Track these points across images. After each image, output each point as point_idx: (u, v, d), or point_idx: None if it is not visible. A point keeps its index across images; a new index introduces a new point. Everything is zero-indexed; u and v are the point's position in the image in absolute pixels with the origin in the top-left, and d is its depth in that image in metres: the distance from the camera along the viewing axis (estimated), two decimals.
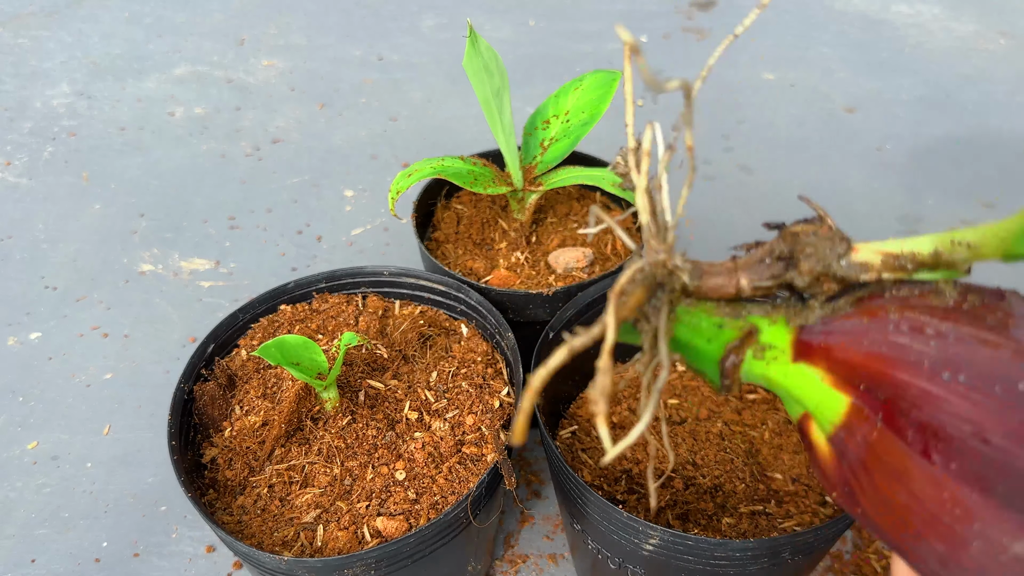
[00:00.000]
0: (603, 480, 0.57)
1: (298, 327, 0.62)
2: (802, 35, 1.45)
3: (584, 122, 0.68)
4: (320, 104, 1.26)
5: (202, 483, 0.54)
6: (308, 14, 1.53)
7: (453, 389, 0.57)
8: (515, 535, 0.68)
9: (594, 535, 0.52)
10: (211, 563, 0.66)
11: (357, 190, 1.08)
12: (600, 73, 0.70)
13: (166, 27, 1.48)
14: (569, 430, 0.61)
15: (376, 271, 0.66)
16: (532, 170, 0.69)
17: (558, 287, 0.62)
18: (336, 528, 0.50)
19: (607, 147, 1.15)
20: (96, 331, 0.87)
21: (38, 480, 0.72)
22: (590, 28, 1.47)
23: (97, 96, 1.28)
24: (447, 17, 1.51)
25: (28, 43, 1.42)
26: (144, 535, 0.68)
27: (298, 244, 0.99)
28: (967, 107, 1.24)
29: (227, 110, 1.25)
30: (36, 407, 0.79)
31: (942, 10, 1.52)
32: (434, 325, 0.64)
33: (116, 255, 0.97)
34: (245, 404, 0.56)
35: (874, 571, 0.64)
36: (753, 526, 0.54)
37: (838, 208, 1.04)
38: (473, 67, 0.63)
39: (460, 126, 1.21)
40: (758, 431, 0.61)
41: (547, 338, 0.59)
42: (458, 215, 0.73)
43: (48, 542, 0.67)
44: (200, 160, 1.14)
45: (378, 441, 0.54)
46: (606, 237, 0.70)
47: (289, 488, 0.52)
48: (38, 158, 1.14)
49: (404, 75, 1.34)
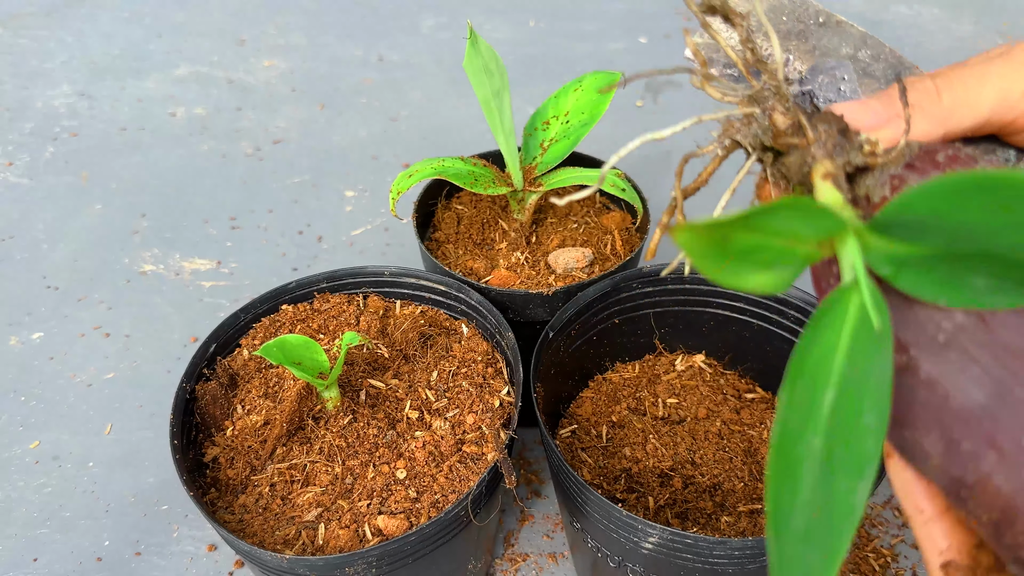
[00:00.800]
0: (603, 479, 0.57)
1: (299, 327, 0.63)
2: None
3: (584, 123, 0.68)
4: (320, 104, 1.26)
5: (204, 482, 0.54)
6: (308, 14, 1.53)
7: (453, 388, 0.58)
8: (515, 534, 0.68)
9: (594, 533, 0.52)
10: (212, 562, 0.66)
11: (357, 190, 1.08)
12: (600, 74, 0.71)
13: (166, 27, 1.48)
14: (569, 429, 0.61)
15: (377, 271, 0.66)
16: (532, 171, 0.69)
17: (558, 287, 0.62)
18: (337, 527, 0.50)
19: (607, 148, 1.15)
20: (97, 331, 0.87)
21: (39, 480, 0.73)
22: (590, 28, 1.47)
23: (97, 96, 1.28)
24: (447, 17, 1.51)
25: (28, 43, 1.43)
26: (145, 534, 0.68)
27: (299, 244, 0.99)
28: None
29: (227, 110, 1.25)
30: (37, 407, 0.79)
31: (941, 11, 1.52)
32: (434, 325, 0.64)
33: (117, 255, 0.97)
34: (247, 403, 0.57)
35: (872, 569, 0.64)
36: (752, 524, 0.54)
37: None
38: (473, 67, 0.63)
39: (460, 126, 1.22)
40: (757, 430, 0.61)
41: (547, 338, 0.59)
42: (458, 215, 0.73)
43: (49, 542, 0.68)
44: (201, 160, 1.14)
45: (379, 440, 0.54)
46: (606, 237, 0.70)
47: (290, 487, 0.52)
48: (39, 158, 1.14)
49: (404, 75, 1.34)
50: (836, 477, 0.23)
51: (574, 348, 0.64)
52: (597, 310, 0.63)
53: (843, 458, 0.23)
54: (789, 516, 0.23)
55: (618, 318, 0.65)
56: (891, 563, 0.65)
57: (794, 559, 0.23)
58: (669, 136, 0.26)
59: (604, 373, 0.67)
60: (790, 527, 0.23)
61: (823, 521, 0.23)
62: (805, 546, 0.23)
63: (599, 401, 0.63)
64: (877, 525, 0.68)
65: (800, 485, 0.23)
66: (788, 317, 0.61)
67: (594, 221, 0.72)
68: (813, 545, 0.23)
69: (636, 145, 0.25)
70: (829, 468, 0.23)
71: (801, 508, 0.23)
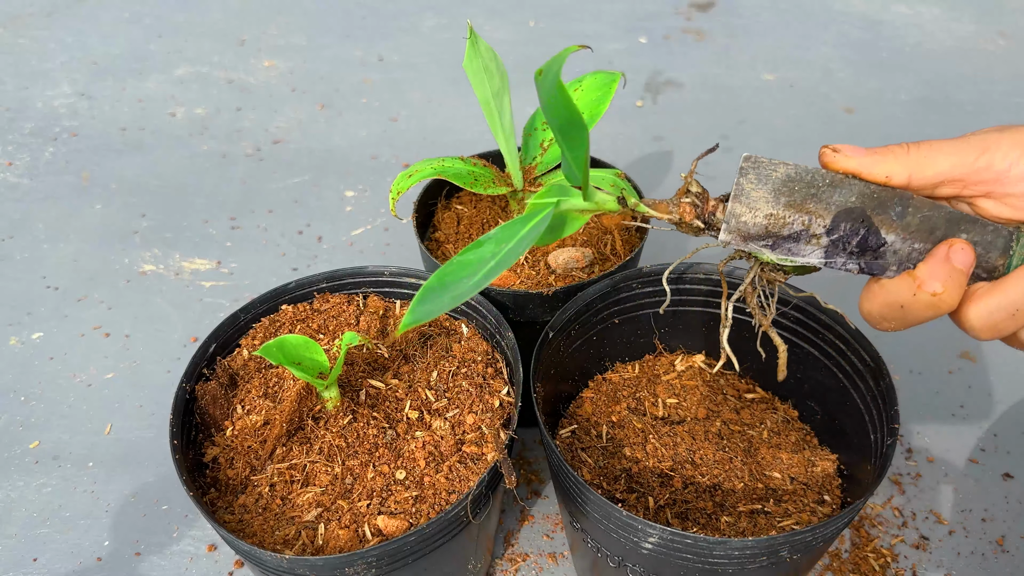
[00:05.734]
0: (603, 479, 0.57)
1: (299, 327, 0.63)
2: (802, 35, 1.45)
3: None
4: (320, 104, 1.27)
5: (203, 482, 0.54)
6: (308, 14, 1.53)
7: (453, 388, 0.58)
8: (515, 534, 0.68)
9: (594, 533, 0.52)
10: (212, 562, 0.66)
11: (357, 190, 1.08)
12: (600, 74, 0.71)
13: (166, 27, 1.48)
14: (569, 429, 0.61)
15: (377, 271, 0.66)
16: (532, 171, 0.69)
17: (558, 287, 0.62)
18: (337, 527, 0.50)
19: (607, 148, 1.16)
20: (97, 331, 0.87)
21: (39, 479, 0.73)
22: (590, 29, 1.47)
23: (98, 96, 1.28)
24: (448, 17, 1.51)
25: (28, 43, 1.43)
26: (145, 534, 0.68)
27: (299, 244, 0.99)
28: (966, 107, 1.25)
29: (228, 110, 1.25)
30: (37, 407, 0.79)
31: (942, 10, 1.52)
32: (434, 325, 0.64)
33: (117, 255, 0.98)
34: (246, 403, 0.57)
35: (872, 569, 0.64)
36: (752, 525, 0.54)
37: None
38: (473, 68, 0.63)
39: (460, 126, 1.22)
40: (756, 430, 0.61)
41: (547, 338, 0.59)
42: (458, 215, 0.73)
43: (49, 541, 0.68)
44: (201, 160, 1.14)
45: (379, 440, 0.54)
46: (605, 237, 0.70)
47: (290, 487, 0.52)
48: (39, 158, 1.14)
49: (404, 75, 1.34)
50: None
51: (574, 348, 0.64)
52: (597, 310, 0.63)
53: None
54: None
55: (618, 318, 0.65)
56: (891, 563, 0.65)
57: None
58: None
59: (604, 373, 0.67)
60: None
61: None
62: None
63: (599, 401, 0.63)
64: (877, 525, 0.68)
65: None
66: (788, 317, 0.61)
67: (594, 221, 0.72)
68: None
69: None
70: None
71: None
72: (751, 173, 0.41)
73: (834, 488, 0.57)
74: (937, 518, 0.68)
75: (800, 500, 0.56)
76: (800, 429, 0.62)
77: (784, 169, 0.41)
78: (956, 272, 0.41)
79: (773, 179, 0.41)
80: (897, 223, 0.41)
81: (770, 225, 0.41)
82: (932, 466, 0.73)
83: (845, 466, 0.58)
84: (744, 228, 0.42)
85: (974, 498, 0.70)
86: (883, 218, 0.41)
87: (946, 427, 0.76)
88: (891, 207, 0.41)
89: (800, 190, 0.41)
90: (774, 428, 0.61)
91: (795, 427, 0.62)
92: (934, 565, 0.65)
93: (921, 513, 0.69)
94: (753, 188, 0.41)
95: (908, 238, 0.42)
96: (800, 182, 0.41)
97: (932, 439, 0.75)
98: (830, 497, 0.56)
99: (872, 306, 0.44)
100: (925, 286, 0.41)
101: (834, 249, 0.42)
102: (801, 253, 0.42)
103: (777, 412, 0.63)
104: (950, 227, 0.42)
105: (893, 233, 0.42)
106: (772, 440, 0.60)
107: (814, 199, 0.41)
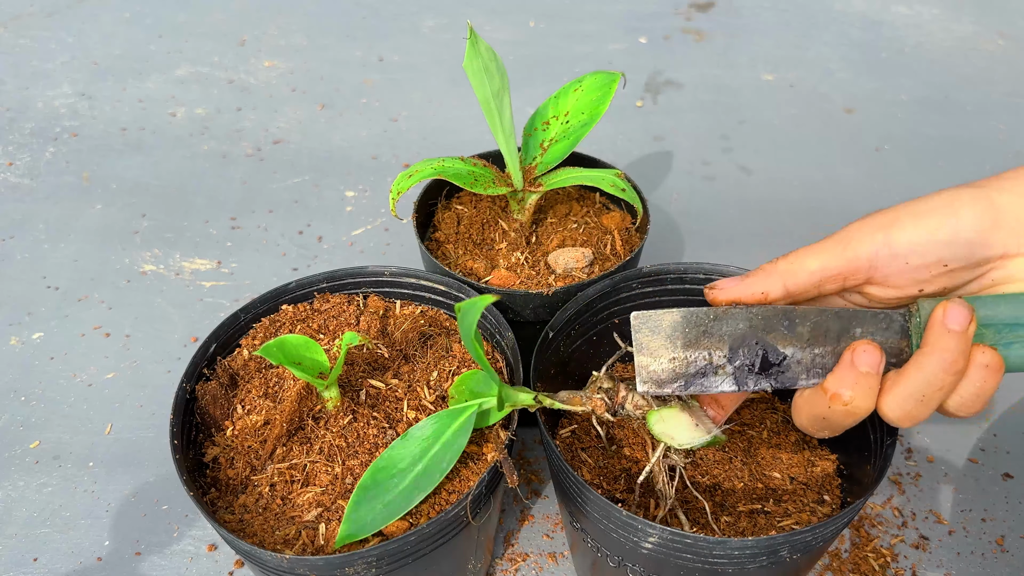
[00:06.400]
0: (602, 479, 0.57)
1: (299, 327, 0.63)
2: (802, 35, 1.45)
3: (584, 123, 0.68)
4: (321, 104, 1.27)
5: (204, 482, 0.54)
6: (308, 14, 1.53)
7: None
8: (515, 533, 0.68)
9: (594, 533, 0.52)
10: (212, 562, 0.66)
11: (357, 190, 1.08)
12: (600, 74, 0.71)
13: (166, 27, 1.48)
14: (569, 429, 0.61)
15: (377, 271, 0.66)
16: (532, 171, 0.69)
17: (558, 287, 0.62)
18: (337, 526, 0.50)
19: (607, 148, 1.16)
20: (98, 331, 0.87)
21: (39, 479, 0.73)
22: (590, 29, 1.47)
23: (98, 96, 1.29)
24: (448, 18, 1.51)
25: (29, 43, 1.43)
26: (145, 534, 0.68)
27: (299, 244, 0.99)
28: (966, 107, 1.25)
29: (228, 111, 1.25)
30: (37, 407, 0.79)
31: (941, 11, 1.52)
32: (434, 325, 0.64)
33: (117, 255, 0.98)
34: (247, 403, 0.57)
35: (872, 569, 0.64)
36: (752, 524, 0.54)
37: (837, 208, 1.04)
38: (473, 68, 0.63)
39: (460, 126, 1.22)
40: (756, 430, 0.61)
41: (547, 338, 0.59)
42: (458, 215, 0.73)
43: (49, 541, 0.68)
44: (201, 160, 1.14)
45: (379, 440, 0.54)
46: (605, 237, 0.70)
47: (290, 487, 0.52)
48: (39, 158, 1.15)
49: (404, 76, 1.34)
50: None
51: (574, 348, 0.64)
52: (597, 310, 0.63)
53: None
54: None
55: (618, 318, 0.65)
56: (891, 563, 0.65)
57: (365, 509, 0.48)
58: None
59: None
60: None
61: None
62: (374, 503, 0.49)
63: None
64: (877, 525, 0.68)
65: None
66: None
67: (594, 221, 0.72)
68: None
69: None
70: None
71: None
72: (643, 328, 0.44)
73: (834, 488, 0.57)
74: (937, 518, 0.69)
75: (800, 500, 0.56)
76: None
77: (670, 317, 0.43)
78: (863, 376, 0.41)
79: (663, 327, 0.44)
80: (790, 336, 0.43)
81: (676, 368, 0.44)
82: (932, 466, 0.73)
83: (845, 466, 0.58)
84: (655, 376, 0.44)
85: (974, 498, 0.70)
86: (775, 335, 0.43)
87: (946, 427, 0.76)
88: (778, 324, 0.43)
89: (691, 331, 0.43)
90: (774, 428, 0.61)
91: (795, 427, 0.62)
92: (934, 565, 0.65)
93: (921, 513, 0.69)
94: (649, 340, 0.44)
95: (806, 347, 0.44)
96: (688, 324, 0.43)
97: (932, 439, 0.75)
98: (830, 497, 0.56)
99: (801, 420, 0.46)
100: (837, 396, 0.42)
101: (741, 374, 0.44)
102: (714, 385, 0.44)
103: (777, 412, 0.63)
104: (843, 325, 0.43)
105: (791, 346, 0.44)
106: (772, 440, 0.60)
107: (706, 335, 0.44)
